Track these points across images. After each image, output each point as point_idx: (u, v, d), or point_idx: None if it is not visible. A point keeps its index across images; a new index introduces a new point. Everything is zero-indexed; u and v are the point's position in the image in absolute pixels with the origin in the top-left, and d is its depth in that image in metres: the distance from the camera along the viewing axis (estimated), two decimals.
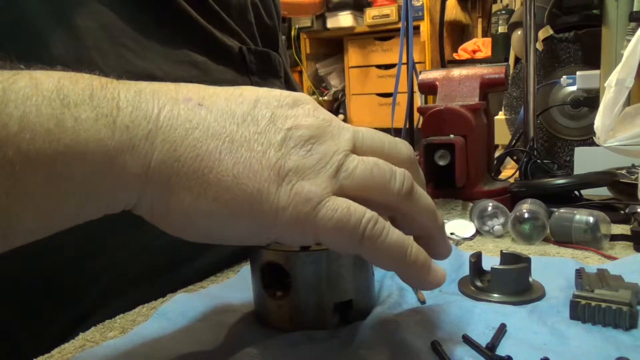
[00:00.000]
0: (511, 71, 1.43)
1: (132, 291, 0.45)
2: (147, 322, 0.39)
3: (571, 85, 1.17)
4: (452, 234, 0.62)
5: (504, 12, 2.44)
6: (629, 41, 0.74)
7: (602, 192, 0.78)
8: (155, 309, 0.41)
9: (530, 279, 0.42)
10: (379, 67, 3.11)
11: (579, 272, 0.42)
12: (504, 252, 0.45)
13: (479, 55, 2.84)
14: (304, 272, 0.36)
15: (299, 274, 0.36)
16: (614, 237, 0.56)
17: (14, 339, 0.42)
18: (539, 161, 0.90)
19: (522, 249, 0.56)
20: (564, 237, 0.56)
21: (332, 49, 3.34)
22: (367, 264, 0.38)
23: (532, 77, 0.98)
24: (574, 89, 1.18)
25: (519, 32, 1.40)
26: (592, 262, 0.50)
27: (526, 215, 0.58)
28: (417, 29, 2.72)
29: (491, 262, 0.43)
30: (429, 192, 0.33)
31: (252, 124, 0.28)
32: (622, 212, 0.67)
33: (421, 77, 0.84)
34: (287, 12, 2.30)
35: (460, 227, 0.63)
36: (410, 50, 2.20)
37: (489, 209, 0.62)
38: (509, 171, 1.05)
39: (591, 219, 0.55)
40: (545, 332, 0.35)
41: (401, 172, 0.30)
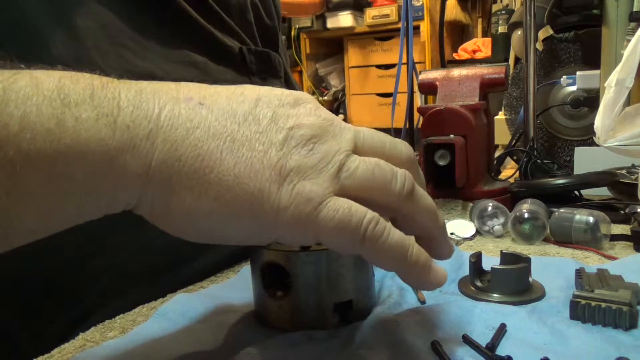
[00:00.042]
0: (511, 71, 1.43)
1: (132, 291, 0.45)
2: (147, 322, 0.39)
3: (571, 85, 1.17)
4: (452, 234, 0.62)
5: (504, 12, 2.44)
6: (629, 41, 0.74)
7: (602, 192, 0.78)
8: (155, 309, 0.41)
9: (530, 279, 0.42)
10: (379, 67, 3.11)
11: (579, 272, 0.42)
12: (504, 252, 0.45)
13: (479, 55, 2.84)
14: (304, 272, 0.36)
15: (299, 274, 0.36)
16: (614, 237, 0.56)
17: (14, 339, 0.42)
18: (539, 161, 0.90)
19: (522, 249, 0.56)
20: (564, 237, 0.56)
21: (332, 49, 3.34)
22: (367, 264, 0.38)
23: (532, 77, 0.98)
24: (574, 89, 1.18)
25: (519, 32, 1.40)
26: (592, 262, 0.50)
27: (526, 215, 0.58)
28: (417, 29, 2.72)
29: (491, 262, 0.43)
30: (429, 192, 0.33)
31: (254, 123, 0.28)
32: (622, 212, 0.67)
33: (421, 77, 0.84)
34: (287, 12, 2.30)
35: (460, 227, 0.63)
36: (410, 50, 2.20)
37: (489, 209, 0.62)
38: (509, 171, 1.05)
39: (591, 219, 0.55)
40: (545, 332, 0.35)
41: (402, 172, 0.30)
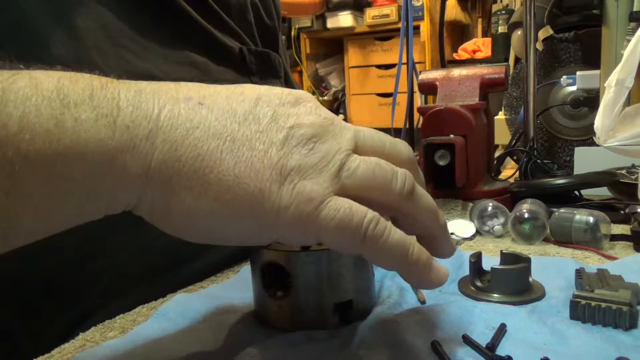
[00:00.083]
0: (511, 71, 1.43)
1: (132, 291, 0.45)
2: (147, 322, 0.39)
3: (571, 85, 1.17)
4: (452, 234, 0.62)
5: (504, 12, 2.44)
6: (629, 41, 0.74)
7: (602, 192, 0.78)
8: (155, 309, 0.41)
9: (530, 279, 0.42)
10: (379, 67, 3.11)
11: (579, 272, 0.42)
12: (504, 252, 0.45)
13: (479, 55, 2.84)
14: (305, 272, 0.36)
15: (300, 274, 0.36)
16: (614, 237, 0.56)
17: (14, 339, 0.42)
18: (539, 161, 0.90)
19: (522, 249, 0.56)
20: (564, 237, 0.56)
21: (332, 49, 3.34)
22: (367, 264, 0.38)
23: (532, 77, 0.98)
24: (574, 89, 1.18)
25: (519, 32, 1.40)
26: (592, 262, 0.50)
27: (526, 215, 0.58)
28: (417, 29, 2.72)
29: (491, 262, 0.43)
30: (429, 192, 0.33)
31: (254, 122, 0.28)
32: (622, 212, 0.67)
33: (421, 77, 0.84)
34: (287, 12, 2.30)
35: (460, 227, 0.63)
36: (410, 50, 2.20)
37: (489, 209, 0.62)
38: (509, 171, 1.05)
39: (591, 219, 0.55)
40: (545, 332, 0.35)
41: (402, 172, 0.30)
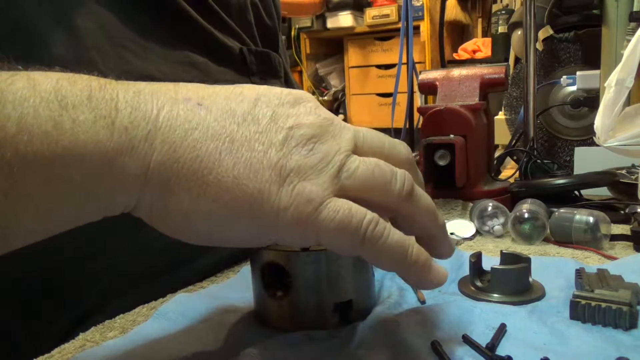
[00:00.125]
0: (511, 71, 1.43)
1: (132, 292, 0.45)
2: (147, 322, 0.39)
3: (571, 85, 1.17)
4: (452, 234, 0.62)
5: (504, 12, 2.44)
6: (629, 41, 0.74)
7: (602, 192, 0.78)
8: (155, 309, 0.41)
9: (530, 279, 0.42)
10: (379, 67, 3.11)
11: (579, 272, 0.42)
12: (504, 252, 0.45)
13: (479, 55, 2.84)
14: (304, 272, 0.36)
15: (299, 274, 0.36)
16: (614, 237, 0.56)
17: (14, 339, 0.42)
18: (539, 161, 0.90)
19: (522, 249, 0.56)
20: (564, 237, 0.56)
21: (332, 49, 3.34)
22: (367, 264, 0.38)
23: (532, 77, 0.98)
24: (574, 89, 1.18)
25: (519, 32, 1.40)
26: (592, 262, 0.50)
27: (526, 215, 0.58)
28: (417, 29, 2.72)
29: (491, 262, 0.43)
30: (428, 192, 0.33)
31: (253, 123, 0.28)
32: (622, 212, 0.67)
33: (421, 77, 0.84)
34: (287, 12, 2.30)
35: (460, 227, 0.63)
36: (410, 50, 2.20)
37: (489, 209, 0.62)
38: (509, 171, 1.05)
39: (591, 219, 0.55)
40: (545, 332, 0.35)
41: (402, 173, 0.30)
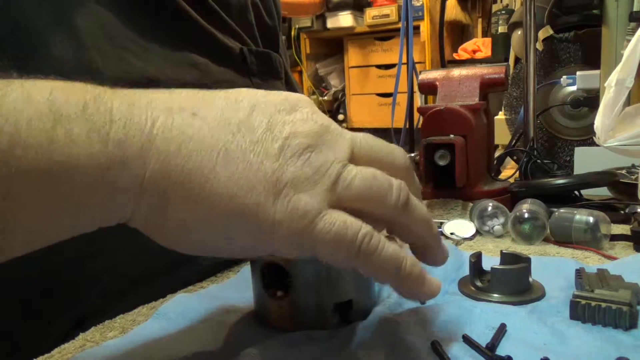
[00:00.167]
0: (511, 71, 1.43)
1: (132, 292, 0.45)
2: (147, 322, 0.39)
3: (571, 85, 1.17)
4: (452, 234, 0.62)
5: (504, 12, 2.43)
6: (629, 41, 0.74)
7: (602, 192, 0.78)
8: (155, 309, 0.41)
9: (530, 279, 0.42)
10: (379, 67, 3.11)
11: (579, 272, 0.42)
12: (504, 252, 0.45)
13: (479, 55, 2.84)
14: (304, 272, 0.36)
15: (299, 274, 0.36)
16: (614, 237, 0.56)
17: (14, 339, 0.42)
18: (539, 161, 0.90)
19: (522, 249, 0.56)
20: (564, 237, 0.56)
21: (332, 49, 3.34)
22: None
23: (532, 77, 0.98)
24: (574, 89, 1.18)
25: (519, 32, 1.40)
26: (592, 262, 0.50)
27: (526, 215, 0.58)
28: (417, 29, 2.72)
29: (491, 262, 0.43)
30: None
31: (248, 132, 0.28)
32: (622, 212, 0.67)
33: (421, 77, 0.84)
34: (287, 12, 2.30)
35: (460, 227, 0.63)
36: (410, 50, 2.20)
37: (489, 209, 0.62)
38: (509, 171, 1.05)
39: (591, 219, 0.55)
40: (545, 332, 0.35)
41: (398, 184, 0.30)
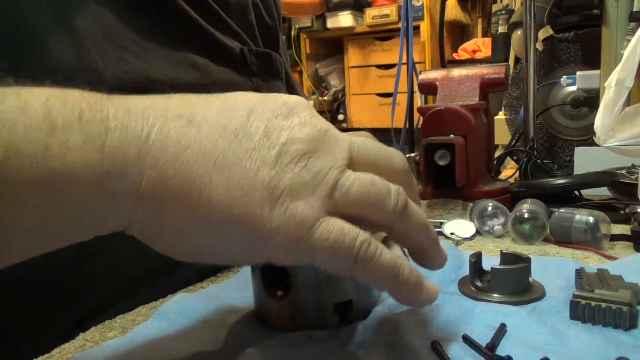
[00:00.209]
0: (511, 71, 1.43)
1: (132, 292, 0.45)
2: (147, 322, 0.39)
3: (571, 85, 1.17)
4: (452, 234, 0.62)
5: (504, 12, 2.44)
6: (629, 41, 0.74)
7: (602, 192, 0.78)
8: (155, 309, 0.41)
9: (530, 279, 0.42)
10: (379, 67, 3.11)
11: (579, 272, 0.42)
12: (504, 252, 0.45)
13: (479, 55, 2.84)
14: (304, 272, 0.36)
15: (299, 273, 0.36)
16: (614, 237, 0.56)
17: (14, 339, 0.42)
18: (539, 161, 0.90)
19: (522, 249, 0.56)
20: (564, 237, 0.56)
21: (332, 49, 3.34)
22: None
23: (532, 77, 0.98)
24: (574, 89, 1.18)
25: (519, 32, 1.40)
26: (592, 262, 0.50)
27: (526, 215, 0.58)
28: (417, 29, 2.72)
29: (491, 262, 0.43)
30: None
31: (245, 139, 0.27)
32: (622, 212, 0.67)
33: (421, 77, 0.84)
34: (287, 12, 2.31)
35: (460, 227, 0.63)
36: (410, 50, 2.21)
37: (489, 209, 0.62)
38: (509, 171, 1.05)
39: (591, 219, 0.55)
40: (545, 332, 0.35)
41: (396, 190, 0.30)
